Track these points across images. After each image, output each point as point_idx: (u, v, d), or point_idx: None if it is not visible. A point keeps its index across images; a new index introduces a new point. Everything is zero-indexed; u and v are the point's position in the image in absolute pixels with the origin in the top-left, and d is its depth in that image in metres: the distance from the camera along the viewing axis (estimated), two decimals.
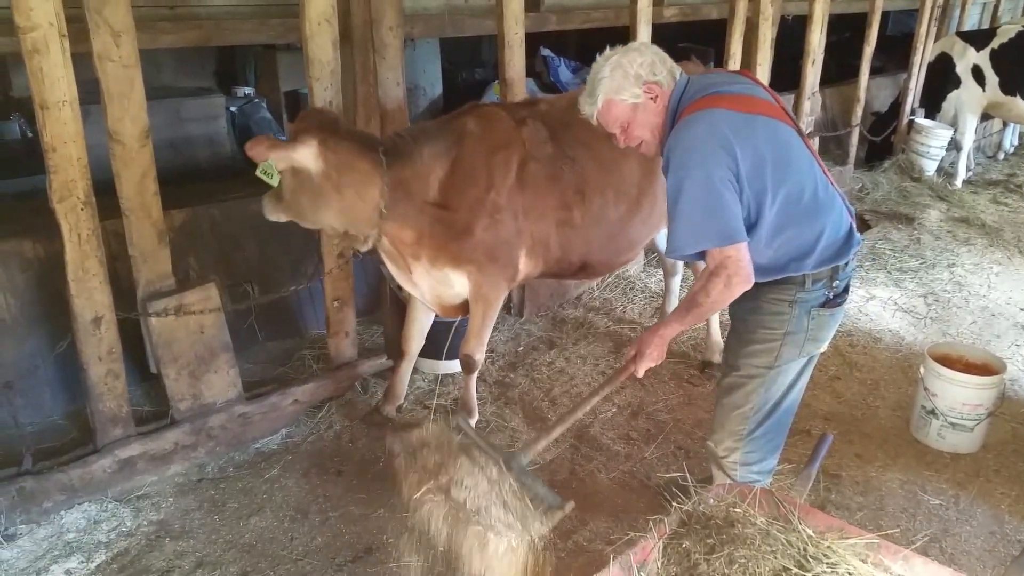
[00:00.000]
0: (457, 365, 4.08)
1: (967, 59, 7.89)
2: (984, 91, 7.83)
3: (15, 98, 6.17)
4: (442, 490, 2.42)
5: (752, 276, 2.45)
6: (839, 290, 2.63)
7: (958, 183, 8.05)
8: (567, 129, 3.59)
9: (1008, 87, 7.66)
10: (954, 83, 8.03)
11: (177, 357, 3.60)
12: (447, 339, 4.24)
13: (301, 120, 3.20)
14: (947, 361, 3.86)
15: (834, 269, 2.58)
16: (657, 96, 2.57)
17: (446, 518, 2.40)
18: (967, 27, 9.93)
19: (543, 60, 8.70)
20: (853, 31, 9.77)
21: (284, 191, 3.19)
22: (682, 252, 2.51)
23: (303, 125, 3.14)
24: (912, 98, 8.57)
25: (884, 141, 8.54)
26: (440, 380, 4.35)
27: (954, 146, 8.20)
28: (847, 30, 10.64)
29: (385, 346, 4.49)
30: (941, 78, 8.16)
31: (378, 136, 3.45)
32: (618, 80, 2.55)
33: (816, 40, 6.91)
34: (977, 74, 7.85)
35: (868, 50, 7.92)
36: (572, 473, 3.65)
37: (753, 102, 2.53)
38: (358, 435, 3.93)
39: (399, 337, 4.01)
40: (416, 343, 4.00)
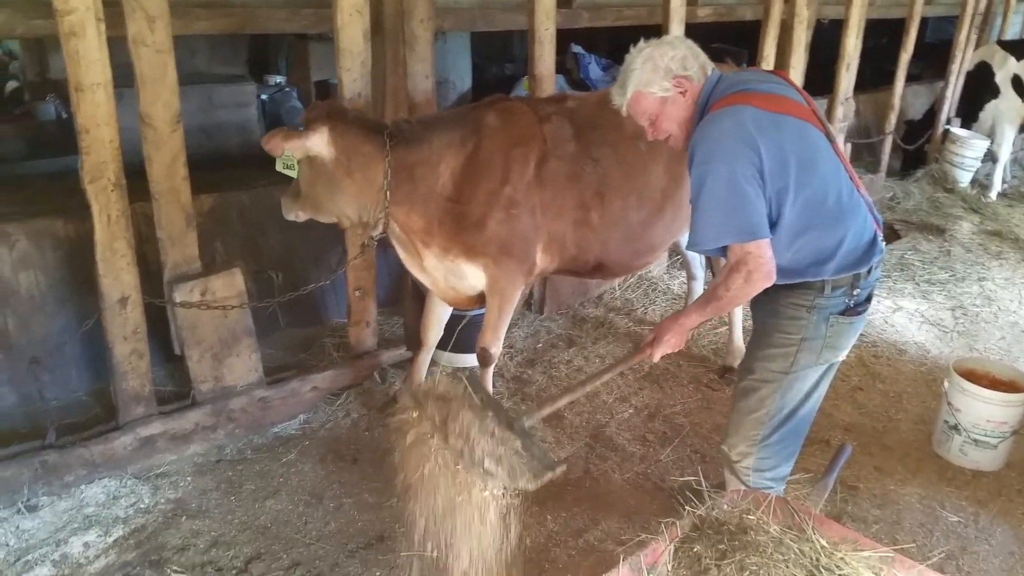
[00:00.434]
0: (469, 359, 4.09)
1: (1007, 68, 7.76)
2: None
3: (51, 80, 6.28)
4: (442, 436, 2.47)
5: (773, 273, 2.44)
6: (860, 299, 2.60)
7: (993, 195, 7.91)
8: (593, 129, 3.57)
9: None
10: (993, 93, 7.90)
11: (201, 340, 3.65)
12: (458, 331, 4.25)
13: (311, 110, 3.31)
14: (973, 376, 3.80)
15: (855, 277, 2.55)
16: (686, 91, 2.57)
17: (439, 462, 2.47)
18: (1008, 36, 9.75)
19: (573, 57, 8.66)
20: (890, 36, 9.65)
21: (301, 184, 3.29)
22: (703, 246, 2.51)
23: (313, 114, 3.24)
24: (948, 107, 8.43)
25: (918, 150, 8.42)
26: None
27: (990, 157, 8.06)
28: (884, 35, 10.51)
29: (405, 337, 4.52)
30: (979, 87, 8.03)
31: (386, 122, 3.49)
32: (648, 73, 2.55)
33: (851, 45, 6.83)
34: (1017, 84, 7.71)
35: (905, 57, 7.81)
36: (586, 472, 3.65)
37: (783, 102, 2.52)
38: (375, 424, 3.96)
39: (418, 328, 4.03)
40: (434, 333, 4.01)
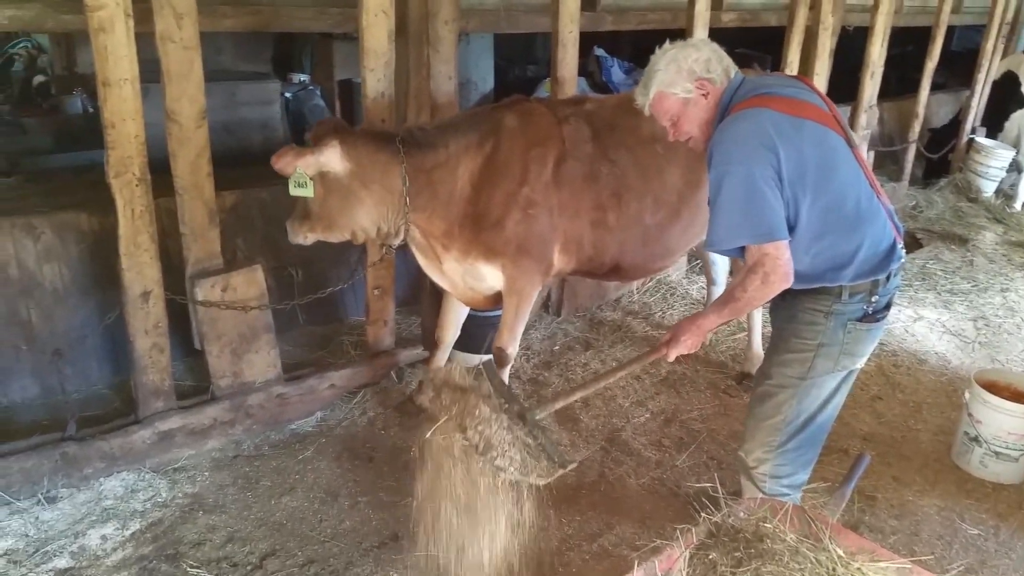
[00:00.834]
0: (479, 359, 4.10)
1: None
2: None
3: (79, 74, 6.35)
4: (458, 428, 2.50)
5: (791, 275, 2.43)
6: (879, 306, 2.59)
7: (1017, 206, 7.82)
8: (611, 131, 3.58)
9: None
10: (1018, 103, 7.82)
11: (221, 335, 3.67)
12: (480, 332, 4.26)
13: (317, 128, 3.29)
14: (994, 388, 3.76)
15: (874, 283, 2.54)
16: (708, 93, 2.57)
17: (454, 452, 2.49)
18: None
19: (596, 60, 8.66)
20: (916, 44, 9.57)
21: (312, 204, 3.26)
22: (720, 246, 2.51)
23: (320, 131, 3.23)
24: (974, 116, 8.36)
25: (941, 159, 8.34)
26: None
27: (1015, 167, 7.96)
28: (910, 43, 10.42)
29: (422, 336, 4.53)
30: (1005, 97, 7.96)
31: (395, 130, 3.50)
32: (671, 74, 2.56)
33: (876, 52, 6.78)
34: None
35: (930, 65, 7.75)
36: (601, 476, 3.64)
37: (803, 106, 2.51)
38: (391, 423, 3.97)
39: (435, 327, 4.04)
40: (451, 333, 4.02)
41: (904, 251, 2.63)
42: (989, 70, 8.31)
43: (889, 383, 4.55)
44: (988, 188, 7.97)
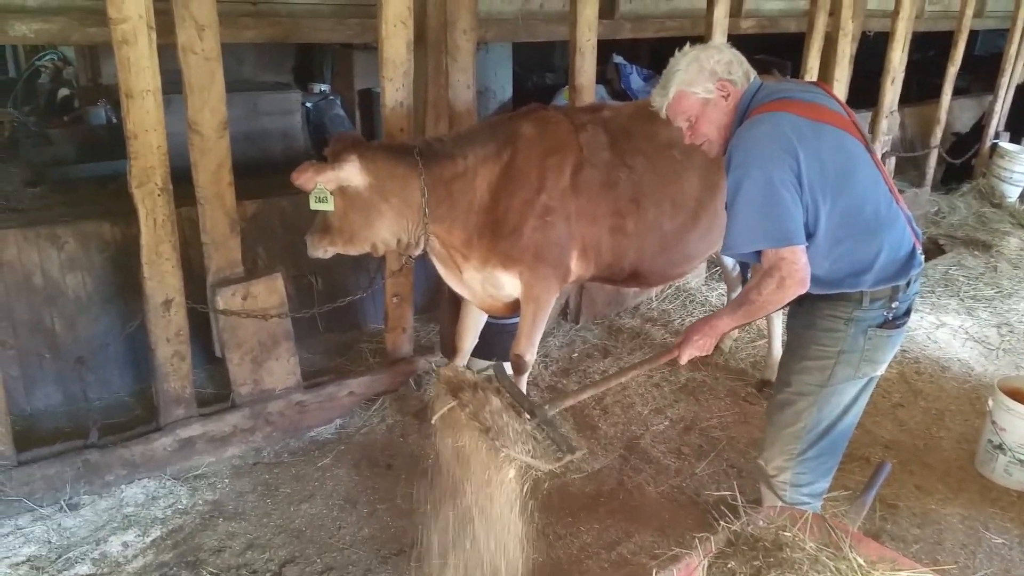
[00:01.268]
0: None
1: None
2: None
3: (103, 85, 6.43)
4: (470, 415, 2.52)
5: (807, 280, 2.42)
6: (899, 312, 2.57)
7: None
8: (629, 138, 3.58)
9: None
10: None
11: (241, 343, 3.70)
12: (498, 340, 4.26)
13: (335, 143, 3.29)
14: (1018, 395, 3.71)
15: (894, 289, 2.52)
16: (729, 95, 2.57)
17: (465, 436, 2.52)
18: None
19: (615, 67, 8.65)
20: (939, 49, 9.49)
21: (332, 219, 3.28)
22: (736, 250, 2.50)
23: (338, 147, 3.24)
24: (997, 121, 8.27)
25: (964, 164, 8.26)
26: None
27: None
28: (932, 48, 10.33)
29: (441, 344, 4.54)
30: None
31: (412, 142, 3.52)
32: (693, 73, 2.55)
33: (897, 58, 6.73)
34: None
35: (952, 70, 7.68)
36: (620, 484, 3.63)
37: (822, 111, 2.51)
38: (409, 430, 3.98)
39: (453, 334, 4.05)
40: (469, 340, 4.03)
41: (923, 257, 2.61)
42: (1013, 74, 8.22)
43: (911, 390, 4.51)
44: (1012, 193, 7.89)
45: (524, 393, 2.78)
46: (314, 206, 3.21)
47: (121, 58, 3.05)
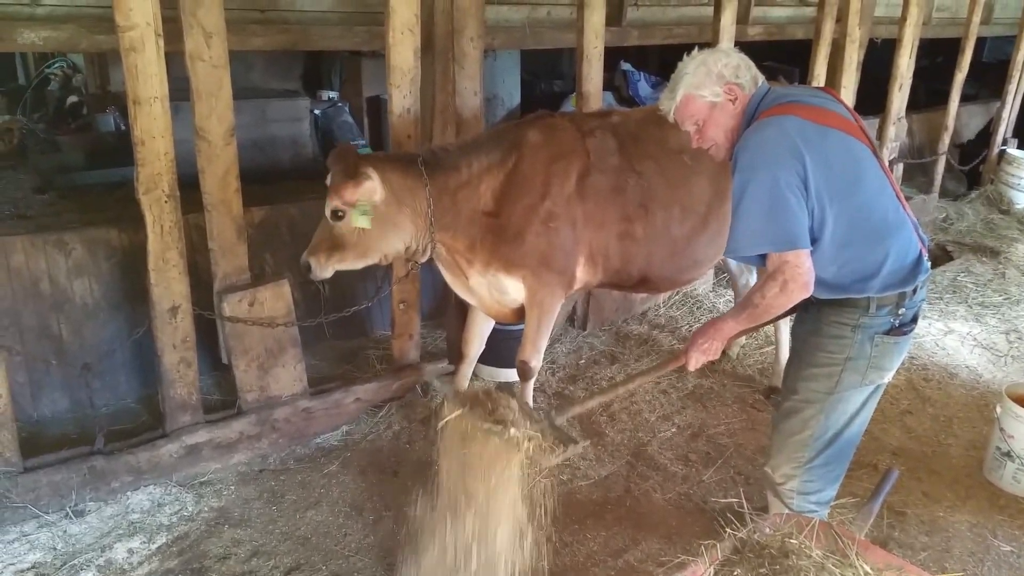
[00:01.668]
0: (509, 374, 4.10)
1: None
2: None
3: (112, 92, 6.45)
4: (478, 417, 2.55)
5: (811, 284, 2.41)
6: (906, 319, 2.55)
7: None
8: (637, 143, 3.59)
9: None
10: None
11: (248, 350, 3.71)
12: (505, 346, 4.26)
13: (342, 160, 3.23)
14: None
15: (901, 295, 2.51)
16: (736, 98, 2.57)
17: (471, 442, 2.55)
18: None
19: (623, 74, 8.67)
20: (947, 55, 9.47)
21: (345, 234, 3.26)
22: (740, 253, 2.50)
23: (348, 162, 3.20)
24: (1005, 128, 8.25)
25: (972, 171, 8.24)
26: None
27: None
28: (940, 54, 10.31)
29: (447, 350, 4.54)
30: None
31: (414, 151, 3.53)
32: (700, 77, 2.56)
33: (904, 65, 6.72)
34: None
35: (960, 76, 7.66)
36: (627, 491, 3.61)
37: (829, 115, 2.50)
38: (416, 437, 3.98)
39: (460, 341, 4.05)
40: (476, 347, 4.03)
41: (929, 263, 2.60)
42: (1020, 81, 8.19)
43: (919, 397, 4.49)
44: (1020, 200, 7.85)
45: (530, 404, 2.80)
46: (356, 222, 3.19)
47: (129, 65, 3.06)
